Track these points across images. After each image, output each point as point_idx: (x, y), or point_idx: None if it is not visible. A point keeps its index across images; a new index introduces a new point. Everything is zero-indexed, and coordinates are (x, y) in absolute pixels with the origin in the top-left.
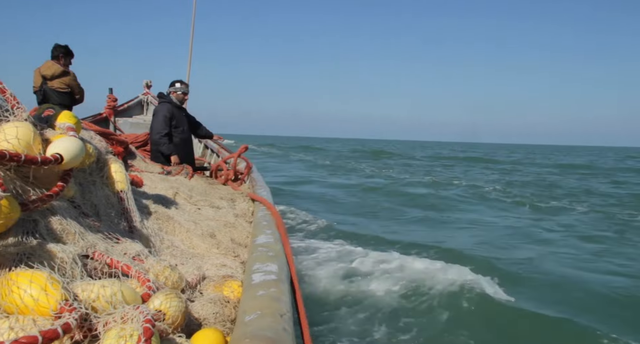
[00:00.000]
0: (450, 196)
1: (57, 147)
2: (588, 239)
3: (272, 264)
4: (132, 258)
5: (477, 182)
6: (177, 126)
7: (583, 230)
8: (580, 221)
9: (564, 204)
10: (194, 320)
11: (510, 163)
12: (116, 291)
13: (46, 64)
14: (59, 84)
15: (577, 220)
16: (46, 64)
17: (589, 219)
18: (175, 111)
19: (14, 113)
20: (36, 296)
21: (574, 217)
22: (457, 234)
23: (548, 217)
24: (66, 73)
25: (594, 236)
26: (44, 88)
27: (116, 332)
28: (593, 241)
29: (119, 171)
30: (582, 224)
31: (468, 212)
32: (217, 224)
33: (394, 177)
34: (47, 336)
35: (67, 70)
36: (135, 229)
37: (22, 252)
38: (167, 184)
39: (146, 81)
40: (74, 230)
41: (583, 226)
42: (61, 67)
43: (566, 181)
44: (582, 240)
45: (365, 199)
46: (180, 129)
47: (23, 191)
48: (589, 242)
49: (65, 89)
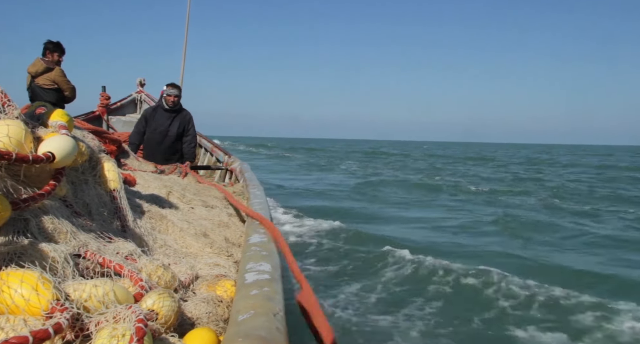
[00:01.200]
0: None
1: (49, 145)
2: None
3: (266, 263)
4: (125, 257)
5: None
6: (150, 125)
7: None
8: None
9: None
10: (186, 320)
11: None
12: (108, 291)
13: (34, 61)
14: (43, 80)
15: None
16: (34, 61)
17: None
18: (159, 112)
19: (4, 111)
20: (27, 295)
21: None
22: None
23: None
24: (50, 69)
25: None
26: (32, 86)
27: (108, 332)
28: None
29: (112, 169)
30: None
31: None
32: (210, 224)
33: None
34: (38, 336)
35: (50, 67)
36: (128, 229)
37: (12, 252)
38: (160, 183)
39: (140, 79)
40: (65, 229)
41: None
42: (45, 63)
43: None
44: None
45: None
46: (152, 127)
47: (14, 189)
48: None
49: (51, 85)
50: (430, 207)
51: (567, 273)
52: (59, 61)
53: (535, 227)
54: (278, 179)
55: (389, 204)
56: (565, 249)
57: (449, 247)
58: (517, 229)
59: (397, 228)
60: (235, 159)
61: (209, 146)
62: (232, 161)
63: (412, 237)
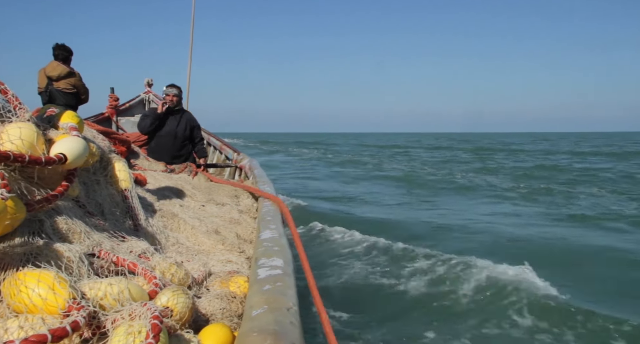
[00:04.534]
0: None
1: (60, 147)
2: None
3: (278, 258)
4: (138, 256)
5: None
6: (157, 129)
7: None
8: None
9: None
10: (201, 316)
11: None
12: (123, 289)
13: (51, 65)
14: (64, 84)
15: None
16: (51, 64)
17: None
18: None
19: (16, 114)
20: (44, 295)
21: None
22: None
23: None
24: (72, 74)
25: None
26: (49, 89)
27: (124, 329)
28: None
29: (123, 169)
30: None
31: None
32: (221, 221)
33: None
34: (56, 334)
35: (72, 71)
36: (140, 227)
37: (29, 252)
38: (170, 182)
39: (147, 80)
40: (79, 229)
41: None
42: (67, 68)
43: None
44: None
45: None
46: (161, 130)
47: (28, 191)
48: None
49: (72, 89)
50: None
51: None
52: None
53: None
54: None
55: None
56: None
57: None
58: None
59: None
60: (244, 156)
61: (217, 144)
62: (241, 158)
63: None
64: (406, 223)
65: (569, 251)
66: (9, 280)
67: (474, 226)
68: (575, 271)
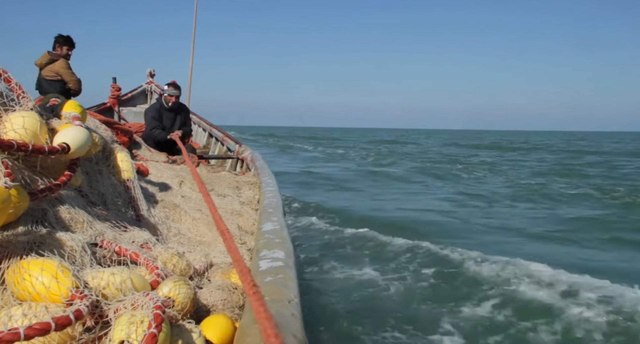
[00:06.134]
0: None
1: (63, 136)
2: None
3: (279, 250)
4: (140, 246)
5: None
6: (162, 127)
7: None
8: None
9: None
10: (202, 307)
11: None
12: (125, 279)
13: (42, 55)
14: (47, 72)
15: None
16: (43, 54)
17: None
18: (163, 112)
19: (19, 103)
20: (47, 283)
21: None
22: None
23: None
24: (53, 61)
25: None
26: (38, 78)
27: (127, 318)
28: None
29: (125, 160)
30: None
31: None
32: (223, 212)
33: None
34: (59, 322)
35: (54, 58)
36: (142, 218)
37: (32, 241)
38: (172, 173)
39: (150, 70)
40: (82, 219)
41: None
42: (50, 55)
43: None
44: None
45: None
46: (161, 128)
47: (31, 180)
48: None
49: (55, 76)
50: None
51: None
52: (68, 55)
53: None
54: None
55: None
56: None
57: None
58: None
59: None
60: (246, 148)
61: (219, 136)
62: (243, 150)
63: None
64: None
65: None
66: (12, 268)
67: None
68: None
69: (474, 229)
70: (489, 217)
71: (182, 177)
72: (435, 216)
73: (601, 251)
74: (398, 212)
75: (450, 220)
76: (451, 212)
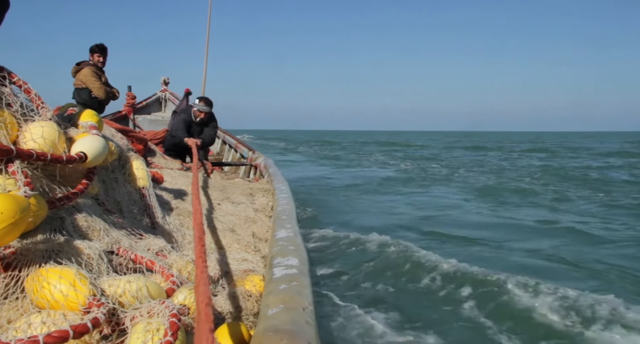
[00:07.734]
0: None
1: (81, 145)
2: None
3: (293, 258)
4: (156, 254)
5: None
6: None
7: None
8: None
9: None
10: (217, 314)
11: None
12: (142, 286)
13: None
14: (76, 80)
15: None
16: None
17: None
18: (193, 127)
19: (39, 113)
20: (66, 291)
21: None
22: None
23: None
24: (80, 69)
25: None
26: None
27: (143, 326)
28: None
29: (141, 167)
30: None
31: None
32: (237, 219)
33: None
34: (77, 330)
35: (81, 67)
36: (157, 225)
37: (50, 249)
38: (186, 180)
39: (164, 78)
40: (99, 227)
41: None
42: (77, 64)
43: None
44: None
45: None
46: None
47: (50, 189)
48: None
49: (81, 85)
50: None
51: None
52: (100, 62)
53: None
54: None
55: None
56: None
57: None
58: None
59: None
60: (259, 155)
61: (233, 142)
62: (257, 156)
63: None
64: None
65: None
66: (32, 276)
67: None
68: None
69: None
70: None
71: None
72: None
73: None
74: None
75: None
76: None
